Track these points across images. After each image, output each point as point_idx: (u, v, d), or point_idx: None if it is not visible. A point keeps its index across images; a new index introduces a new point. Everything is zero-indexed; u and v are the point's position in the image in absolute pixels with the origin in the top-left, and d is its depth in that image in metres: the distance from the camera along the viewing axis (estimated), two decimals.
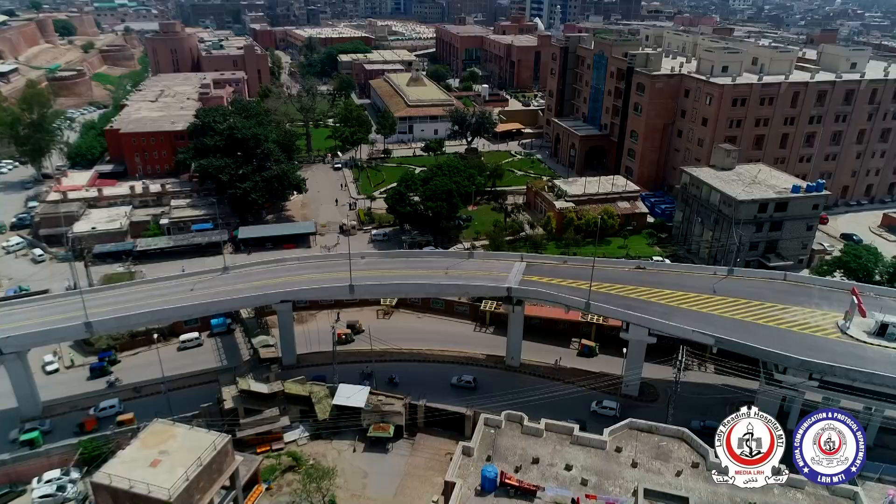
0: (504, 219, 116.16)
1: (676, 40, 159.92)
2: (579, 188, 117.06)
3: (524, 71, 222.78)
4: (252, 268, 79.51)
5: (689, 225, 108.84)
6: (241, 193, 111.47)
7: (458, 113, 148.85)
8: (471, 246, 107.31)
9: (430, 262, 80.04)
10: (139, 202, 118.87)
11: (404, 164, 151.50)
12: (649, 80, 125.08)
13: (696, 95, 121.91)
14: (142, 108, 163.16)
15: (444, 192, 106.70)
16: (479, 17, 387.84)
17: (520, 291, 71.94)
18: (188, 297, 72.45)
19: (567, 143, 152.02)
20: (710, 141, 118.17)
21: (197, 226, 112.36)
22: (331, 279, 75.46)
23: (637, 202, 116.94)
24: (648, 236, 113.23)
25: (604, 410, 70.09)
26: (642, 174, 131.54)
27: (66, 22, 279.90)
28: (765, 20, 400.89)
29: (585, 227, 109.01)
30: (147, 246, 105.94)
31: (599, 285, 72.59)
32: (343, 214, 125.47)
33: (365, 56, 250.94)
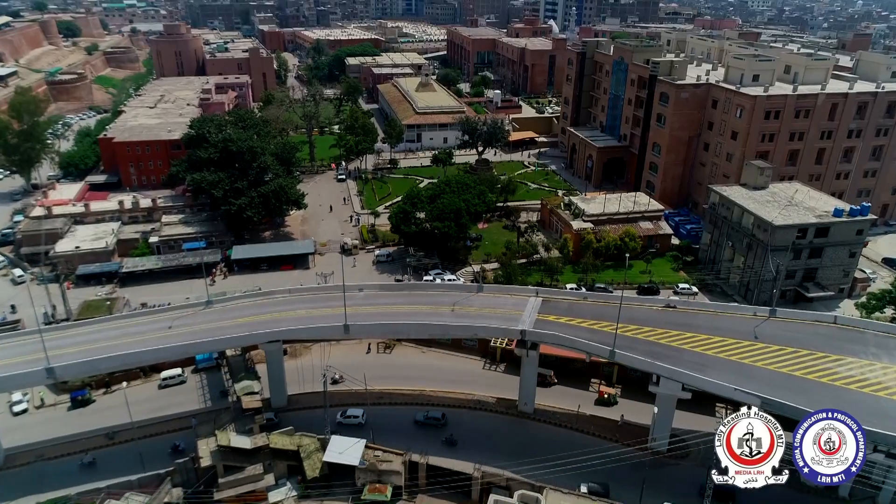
0: (517, 239, 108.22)
1: (700, 45, 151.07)
2: (598, 206, 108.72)
3: (538, 76, 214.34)
4: (239, 301, 72.06)
5: (718, 248, 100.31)
6: (236, 210, 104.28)
7: (469, 122, 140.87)
8: (480, 270, 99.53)
9: (435, 297, 72.13)
10: (129, 218, 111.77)
11: (411, 176, 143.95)
12: (674, 90, 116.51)
13: (724, 107, 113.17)
14: (139, 115, 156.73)
15: (453, 211, 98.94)
16: (491, 19, 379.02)
17: (535, 335, 64.00)
18: (166, 336, 65.21)
19: (584, 155, 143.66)
20: (741, 156, 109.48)
21: (188, 244, 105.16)
22: (324, 316, 67.85)
23: (660, 222, 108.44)
24: (673, 259, 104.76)
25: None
26: (665, 190, 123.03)
27: (71, 23, 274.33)
28: (786, 22, 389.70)
29: (605, 249, 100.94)
30: (134, 267, 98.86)
31: (625, 327, 64.63)
32: (346, 231, 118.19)
33: (373, 59, 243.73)
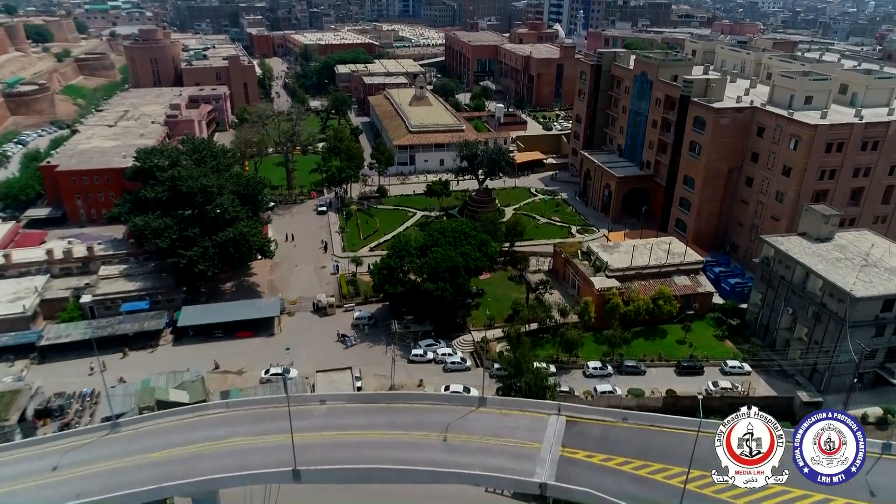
0: (525, 295, 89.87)
1: (732, 58, 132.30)
2: (624, 257, 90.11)
3: (544, 86, 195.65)
4: (157, 422, 53.39)
5: (773, 314, 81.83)
6: (186, 264, 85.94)
7: (469, 147, 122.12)
8: (482, 342, 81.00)
9: (422, 416, 53.41)
10: (60, 270, 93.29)
11: (402, 207, 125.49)
12: (712, 115, 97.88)
13: (774, 135, 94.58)
14: (94, 136, 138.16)
15: (448, 269, 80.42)
16: (492, 21, 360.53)
17: (560, 490, 45.32)
18: (44, 485, 46.79)
19: (600, 183, 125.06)
20: (795, 197, 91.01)
21: (128, 305, 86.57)
22: (271, 448, 49.53)
23: (699, 276, 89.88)
24: (716, 324, 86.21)
25: None
26: (699, 230, 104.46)
27: (41, 27, 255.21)
28: (801, 24, 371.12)
29: (634, 315, 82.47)
30: (56, 338, 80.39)
31: (692, 473, 45.66)
32: (322, 280, 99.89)
33: (365, 67, 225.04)
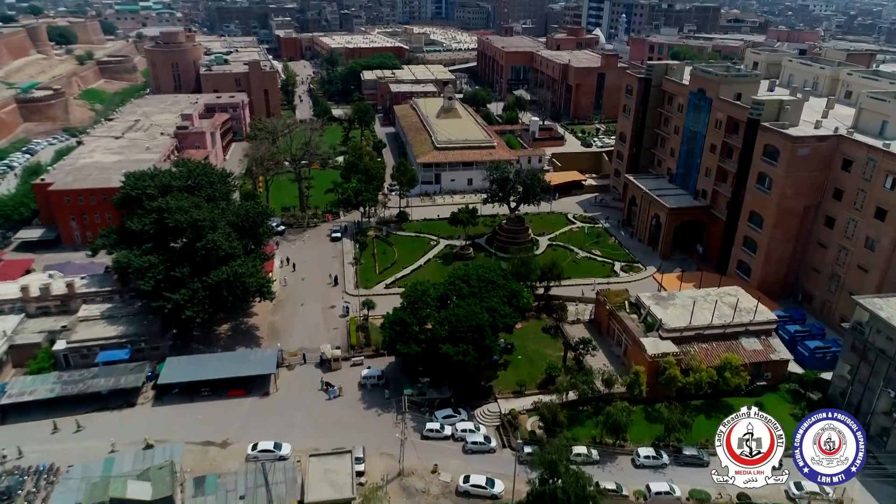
0: (563, 357, 76.55)
1: (802, 73, 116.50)
2: (681, 313, 75.98)
3: (583, 97, 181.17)
4: None
5: (867, 392, 67.17)
6: (172, 308, 74.84)
7: (499, 172, 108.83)
8: (509, 413, 67.93)
9: None
10: (37, 308, 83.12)
11: (423, 234, 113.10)
12: (788, 144, 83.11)
13: (864, 170, 79.48)
14: (98, 149, 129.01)
15: (472, 328, 67.59)
16: (527, 24, 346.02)
17: None
18: None
19: (647, 213, 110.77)
20: (891, 246, 75.83)
21: (105, 355, 75.52)
22: None
23: (772, 338, 75.34)
24: (792, 398, 71.71)
25: None
26: (766, 276, 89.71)
27: (65, 29, 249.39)
28: (858, 30, 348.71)
29: (695, 388, 68.52)
30: (19, 395, 69.72)
31: None
32: (330, 323, 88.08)
33: (393, 73, 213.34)
